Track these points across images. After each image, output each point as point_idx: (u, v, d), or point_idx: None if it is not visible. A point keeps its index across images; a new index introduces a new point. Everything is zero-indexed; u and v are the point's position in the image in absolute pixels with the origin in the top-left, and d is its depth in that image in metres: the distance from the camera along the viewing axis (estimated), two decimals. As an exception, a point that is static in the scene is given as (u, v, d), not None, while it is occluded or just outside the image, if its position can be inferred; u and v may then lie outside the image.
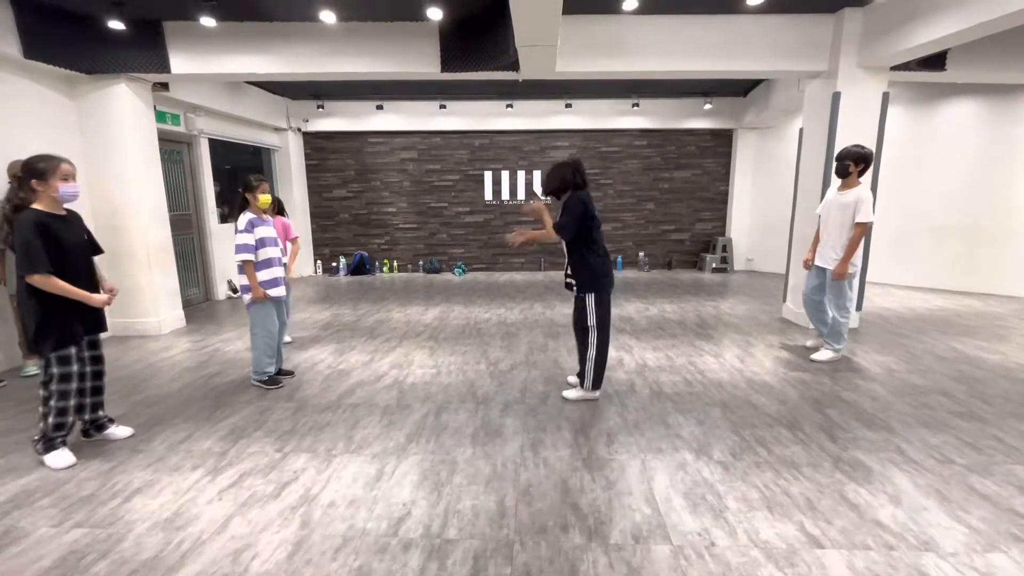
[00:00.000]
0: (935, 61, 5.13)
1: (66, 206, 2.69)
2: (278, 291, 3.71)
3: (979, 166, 6.78)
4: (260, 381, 3.78)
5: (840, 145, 4.88)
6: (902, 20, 4.36)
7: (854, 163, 3.87)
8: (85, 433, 2.96)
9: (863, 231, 3.85)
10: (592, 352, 3.34)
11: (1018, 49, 5.11)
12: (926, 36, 4.16)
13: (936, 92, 6.99)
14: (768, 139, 8.90)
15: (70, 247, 2.61)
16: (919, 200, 7.23)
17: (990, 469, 2.58)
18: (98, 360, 2.91)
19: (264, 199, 3.61)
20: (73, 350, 2.67)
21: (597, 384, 3.43)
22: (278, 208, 4.66)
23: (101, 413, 2.97)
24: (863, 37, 4.80)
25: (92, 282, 2.76)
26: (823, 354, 4.20)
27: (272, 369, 3.80)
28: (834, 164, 4.02)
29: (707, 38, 4.99)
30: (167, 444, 2.93)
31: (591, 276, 3.26)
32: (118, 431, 3.01)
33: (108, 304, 2.73)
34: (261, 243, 3.61)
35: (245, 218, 3.57)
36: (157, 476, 2.59)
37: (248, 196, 3.62)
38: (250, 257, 3.54)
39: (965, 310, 5.97)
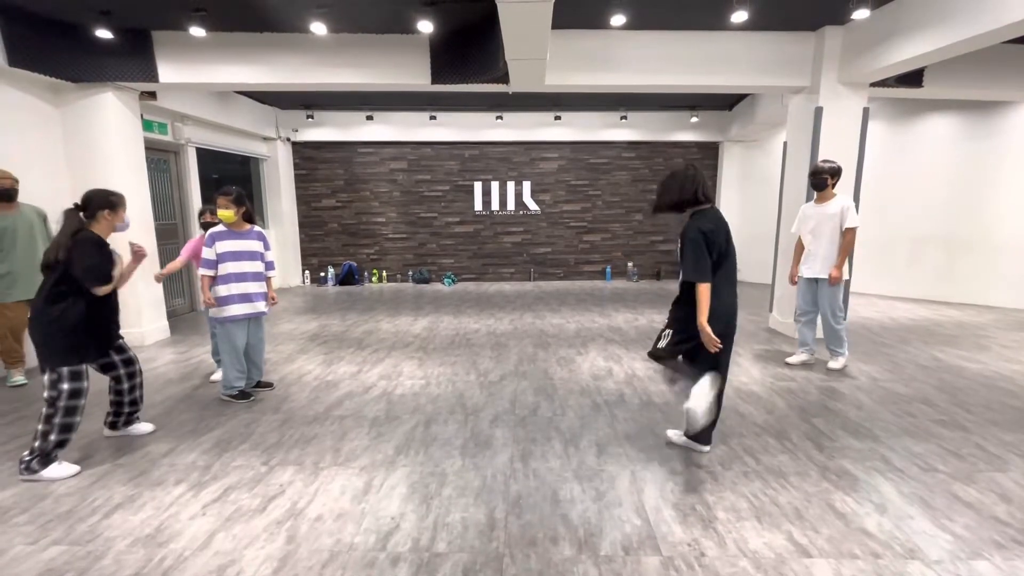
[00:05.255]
0: (913, 78, 5.29)
1: None
2: (236, 309, 3.56)
3: (957, 179, 6.96)
4: (229, 395, 3.70)
5: (823, 158, 5.01)
6: (881, 39, 4.49)
7: (831, 176, 4.12)
8: (112, 425, 3.15)
9: (854, 235, 4.07)
10: (709, 400, 2.65)
11: (992, 67, 5.28)
12: (903, 54, 4.29)
13: (915, 108, 7.19)
14: (753, 152, 9.06)
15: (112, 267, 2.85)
16: (900, 212, 7.40)
17: (973, 477, 2.62)
18: (130, 363, 3.07)
19: (220, 214, 3.51)
20: (85, 366, 2.75)
21: (703, 437, 2.82)
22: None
23: (138, 409, 3.20)
24: (843, 54, 4.94)
25: (116, 296, 2.94)
26: (836, 361, 4.31)
27: (241, 383, 3.71)
28: (811, 179, 4.22)
29: (692, 54, 5.09)
30: (149, 458, 2.87)
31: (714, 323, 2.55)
32: (142, 427, 3.21)
33: (139, 259, 2.92)
34: (223, 257, 3.52)
35: (209, 232, 3.58)
36: (139, 491, 2.53)
37: (209, 216, 3.70)
38: (207, 272, 3.51)
39: (946, 320, 6.10)
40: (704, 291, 2.51)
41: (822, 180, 4.11)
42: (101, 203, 2.80)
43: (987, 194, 6.78)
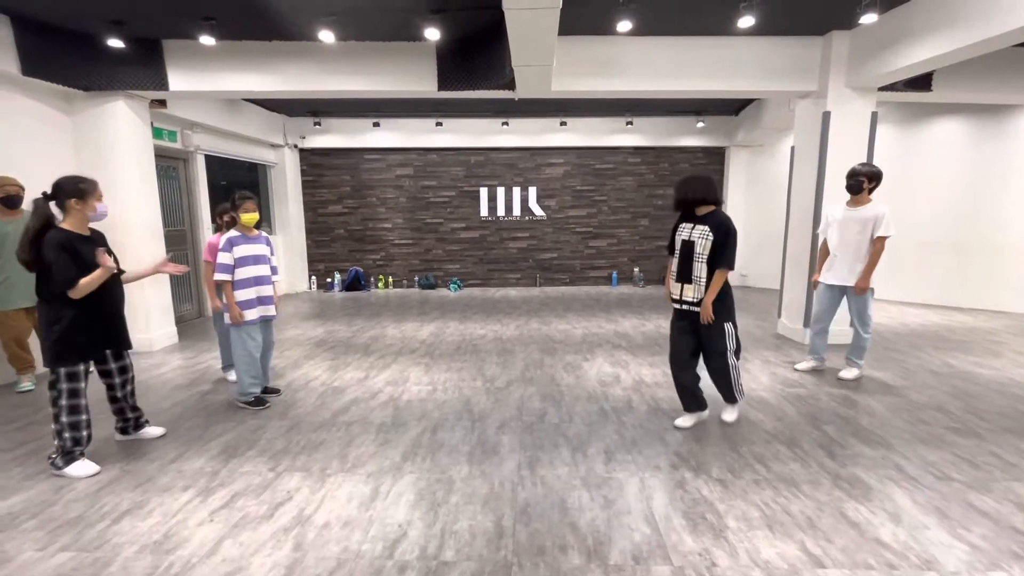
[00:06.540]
0: (921, 82, 5.27)
1: (90, 225, 2.81)
2: (254, 313, 3.60)
3: (967, 183, 6.90)
4: (246, 402, 3.69)
5: (831, 163, 4.99)
6: (888, 43, 4.47)
7: (868, 180, 3.94)
8: (122, 431, 3.14)
9: (884, 244, 3.90)
10: (736, 361, 3.25)
11: (1001, 70, 5.25)
12: (912, 58, 4.27)
13: (924, 111, 7.14)
14: (760, 157, 9.03)
15: (92, 265, 2.67)
16: (909, 216, 7.31)
17: (989, 486, 2.57)
18: (124, 371, 3.03)
19: (246, 217, 3.56)
20: (82, 366, 2.74)
21: (741, 391, 3.36)
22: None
23: (141, 413, 3.20)
24: (851, 58, 4.92)
25: (117, 298, 2.87)
26: (850, 372, 4.17)
27: (257, 389, 3.70)
28: (846, 181, 4.02)
29: (699, 59, 5.09)
30: (157, 464, 2.88)
31: (728, 304, 3.21)
32: (153, 431, 3.21)
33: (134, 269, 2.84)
34: (241, 262, 3.54)
35: (225, 237, 3.58)
36: (146, 497, 2.54)
37: (234, 214, 3.64)
38: (226, 278, 3.50)
39: (957, 325, 6.02)
40: (724, 278, 3.15)
41: (858, 183, 3.93)
42: (70, 191, 2.64)
43: (997, 198, 6.71)
